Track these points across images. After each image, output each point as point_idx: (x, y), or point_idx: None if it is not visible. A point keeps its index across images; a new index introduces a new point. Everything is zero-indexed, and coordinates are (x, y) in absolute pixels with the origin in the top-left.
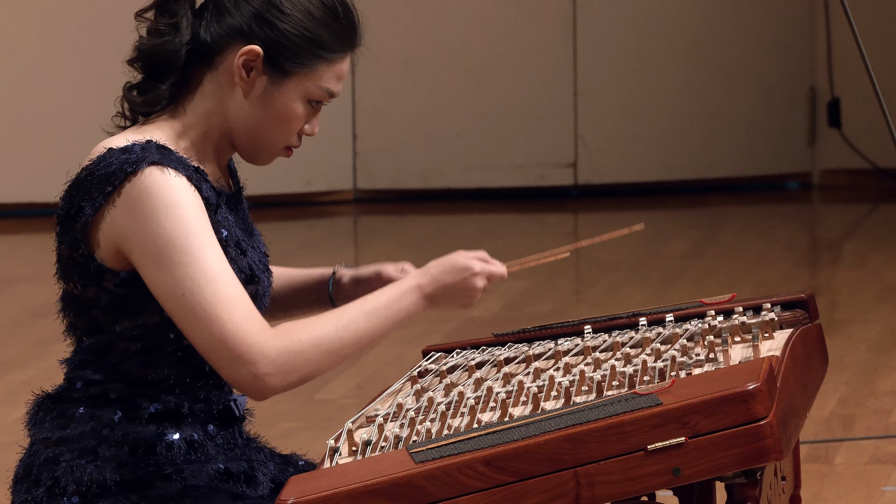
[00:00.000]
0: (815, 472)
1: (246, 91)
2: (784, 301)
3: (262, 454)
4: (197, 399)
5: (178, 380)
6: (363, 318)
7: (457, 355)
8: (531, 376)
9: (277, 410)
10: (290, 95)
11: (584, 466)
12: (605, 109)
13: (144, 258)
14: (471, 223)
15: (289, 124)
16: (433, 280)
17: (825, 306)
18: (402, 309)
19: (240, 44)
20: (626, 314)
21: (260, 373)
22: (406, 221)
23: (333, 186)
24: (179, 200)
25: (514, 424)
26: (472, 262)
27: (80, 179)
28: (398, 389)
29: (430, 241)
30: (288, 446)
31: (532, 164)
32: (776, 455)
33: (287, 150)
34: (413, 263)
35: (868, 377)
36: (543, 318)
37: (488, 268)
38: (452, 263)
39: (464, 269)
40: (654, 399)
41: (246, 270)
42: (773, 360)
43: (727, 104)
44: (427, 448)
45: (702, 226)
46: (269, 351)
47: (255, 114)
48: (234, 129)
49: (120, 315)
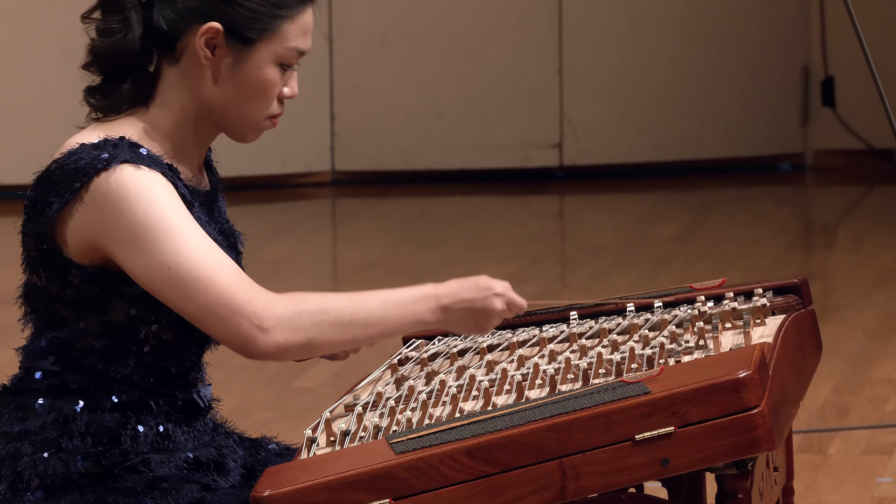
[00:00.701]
0: (808, 463)
1: (214, 70)
2: (776, 286)
3: (231, 440)
4: (161, 393)
5: (141, 379)
6: (377, 304)
7: (438, 342)
8: (515, 364)
9: (253, 399)
10: (260, 63)
11: (570, 457)
12: (591, 88)
13: (123, 247)
14: (452, 206)
15: (266, 93)
16: (452, 293)
17: (819, 291)
18: (416, 311)
19: (198, 24)
20: (613, 300)
21: (265, 325)
22: (385, 204)
23: (310, 168)
24: (153, 186)
25: (498, 414)
26: (494, 282)
27: (49, 172)
28: (378, 378)
29: (410, 224)
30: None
31: (516, 145)
32: (768, 445)
33: (272, 119)
34: (392, 246)
35: (863, 365)
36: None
37: (510, 293)
38: (474, 281)
39: (485, 289)
40: (642, 387)
41: None
42: (765, 348)
43: (718, 83)
44: (407, 438)
45: (691, 209)
46: (273, 305)
47: (230, 91)
48: (212, 111)
49: (84, 311)
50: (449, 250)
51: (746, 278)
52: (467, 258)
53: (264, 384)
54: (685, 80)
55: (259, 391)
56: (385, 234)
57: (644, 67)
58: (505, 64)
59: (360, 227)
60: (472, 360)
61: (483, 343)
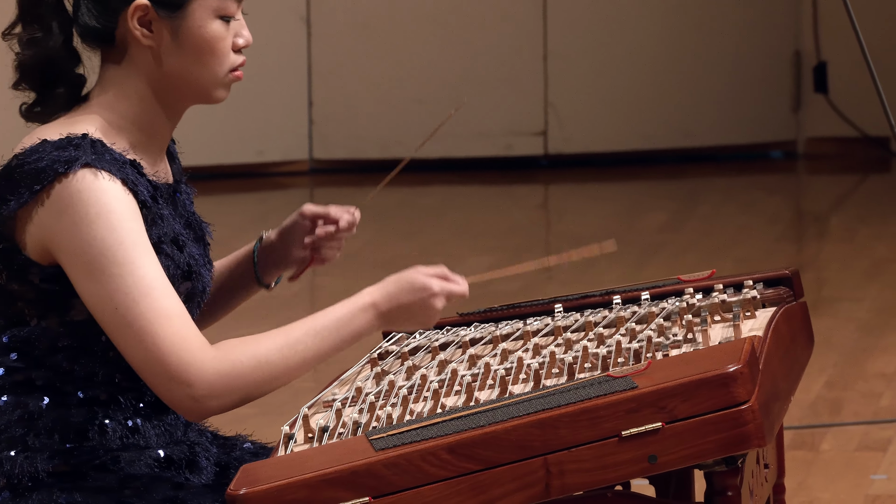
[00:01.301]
0: (800, 460)
1: (157, 47)
2: (767, 278)
3: (204, 437)
4: (128, 389)
5: (107, 376)
6: (311, 338)
7: (419, 336)
8: (498, 358)
9: None
10: (199, 23)
11: (555, 454)
12: (577, 74)
13: (76, 267)
14: (433, 196)
15: (215, 50)
16: (390, 299)
17: (811, 283)
18: (354, 329)
19: (125, 8)
20: (598, 292)
21: (196, 395)
22: (364, 193)
23: (287, 156)
24: (112, 207)
25: (481, 409)
26: (431, 281)
27: (9, 169)
28: (357, 372)
29: (391, 214)
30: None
31: (499, 133)
32: (758, 441)
33: (234, 72)
34: (371, 237)
35: (856, 359)
36: (511, 296)
37: (448, 287)
38: (410, 282)
39: (422, 289)
40: (628, 382)
41: (183, 266)
42: (756, 341)
43: (707, 69)
44: (388, 434)
45: (680, 198)
46: (206, 372)
47: (180, 60)
48: (172, 86)
49: (45, 310)
50: (430, 241)
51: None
52: (449, 249)
53: None
54: (674, 66)
55: None
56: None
57: (631, 53)
58: (488, 49)
59: None
60: (455, 354)
61: (465, 337)
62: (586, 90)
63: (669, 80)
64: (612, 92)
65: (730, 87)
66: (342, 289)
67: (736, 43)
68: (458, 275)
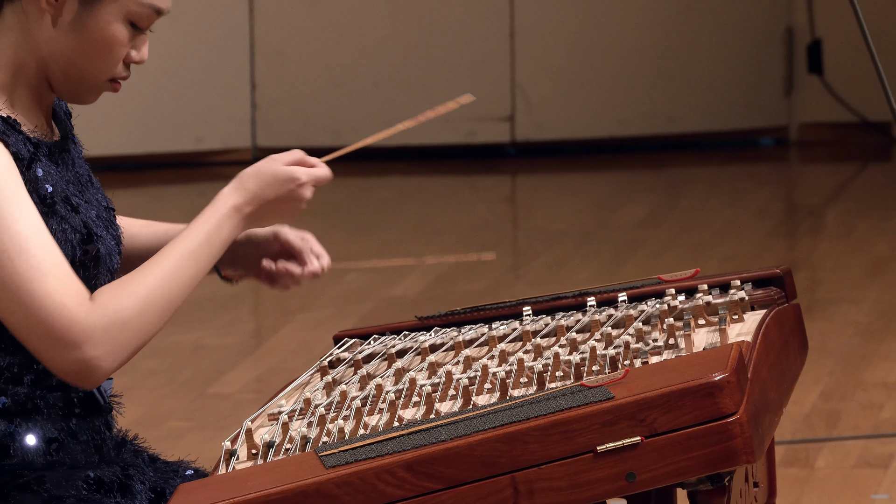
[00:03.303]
0: (793, 478)
1: (55, 17)
2: (756, 277)
3: (140, 459)
4: (51, 387)
5: (24, 367)
6: (187, 262)
7: (374, 342)
8: (461, 366)
9: (164, 408)
10: (108, 17)
11: (524, 471)
12: (547, 53)
13: None
14: (390, 187)
15: (109, 51)
16: (254, 197)
17: (804, 283)
18: (223, 239)
19: None
20: (571, 293)
21: (87, 357)
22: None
23: (228, 144)
24: None
25: (442, 422)
26: (295, 170)
27: None
28: (305, 382)
29: (342, 208)
30: (175, 450)
31: (461, 118)
32: (747, 457)
33: (113, 82)
34: (321, 233)
35: (855, 366)
36: (476, 298)
37: (313, 172)
38: (273, 174)
39: (287, 180)
40: (604, 392)
41: (81, 229)
42: (744, 347)
43: (690, 47)
44: (339, 451)
45: (660, 190)
46: (93, 329)
47: (69, 43)
48: (47, 63)
49: None
50: (386, 238)
51: (722, 268)
52: (407, 246)
53: (176, 389)
54: (653, 44)
55: (170, 397)
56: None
57: (607, 30)
58: (449, 26)
59: None
60: (413, 361)
61: (425, 342)
62: (557, 71)
63: (649, 59)
64: (585, 73)
65: (715, 68)
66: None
67: (722, 18)
68: (314, 158)
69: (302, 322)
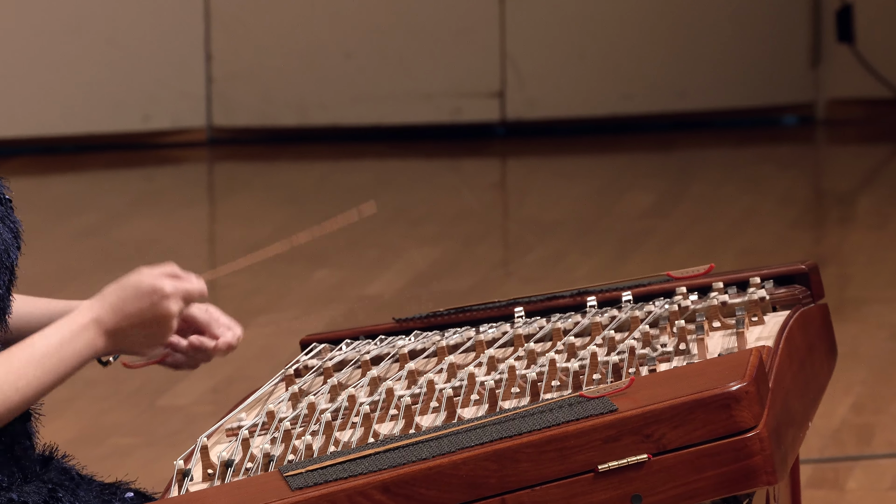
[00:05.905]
0: (821, 501)
1: None
2: (778, 274)
3: (68, 477)
4: None
5: None
6: (33, 368)
7: (346, 347)
8: (444, 375)
9: (106, 422)
10: None
11: (515, 493)
12: (541, 21)
13: None
14: (364, 172)
15: None
16: (113, 310)
17: (833, 280)
18: (77, 350)
19: None
20: (569, 292)
21: None
22: (278, 170)
23: (180, 123)
24: None
25: (423, 438)
26: (160, 281)
27: None
28: (269, 392)
29: (309, 195)
30: (121, 469)
31: (445, 94)
32: (768, 478)
33: None
34: (284, 223)
35: (890, 375)
36: (461, 297)
37: (182, 286)
38: (135, 287)
39: (151, 293)
40: (606, 404)
41: None
42: (764, 353)
43: (703, 15)
44: (307, 470)
45: (669, 175)
46: None
47: None
48: None
49: None
50: (359, 229)
51: (740, 264)
52: (383, 239)
53: (121, 401)
54: (662, 11)
55: (114, 410)
56: (276, 207)
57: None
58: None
59: (246, 200)
60: (390, 369)
61: (404, 348)
62: (553, 41)
63: (657, 27)
64: (584, 43)
65: (731, 36)
66: (244, 295)
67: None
68: (189, 272)
69: (264, 325)
